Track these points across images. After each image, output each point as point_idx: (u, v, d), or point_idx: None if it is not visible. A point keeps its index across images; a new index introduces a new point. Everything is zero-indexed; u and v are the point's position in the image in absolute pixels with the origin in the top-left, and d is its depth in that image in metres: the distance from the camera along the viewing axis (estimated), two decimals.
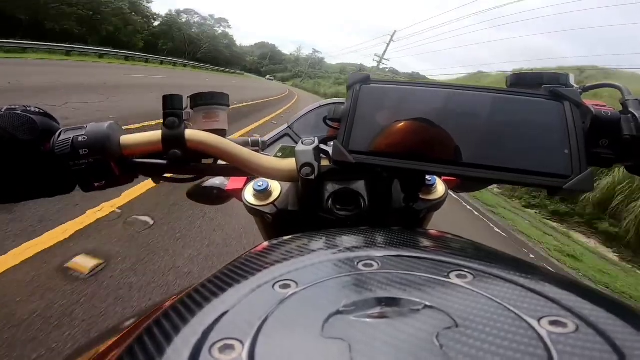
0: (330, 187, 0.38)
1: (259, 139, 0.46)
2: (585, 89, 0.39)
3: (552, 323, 0.14)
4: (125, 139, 0.34)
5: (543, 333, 0.14)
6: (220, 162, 0.37)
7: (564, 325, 0.14)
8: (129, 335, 0.16)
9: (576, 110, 0.30)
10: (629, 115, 0.33)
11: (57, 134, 0.32)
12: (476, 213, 4.92)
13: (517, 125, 0.30)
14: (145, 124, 4.08)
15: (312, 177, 0.32)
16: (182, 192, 0.52)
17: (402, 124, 0.32)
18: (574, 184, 0.27)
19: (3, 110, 0.31)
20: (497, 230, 4.35)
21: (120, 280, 1.50)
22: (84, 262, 1.56)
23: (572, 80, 0.36)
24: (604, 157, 0.33)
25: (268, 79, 68.44)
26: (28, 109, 0.33)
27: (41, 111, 0.33)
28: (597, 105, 0.34)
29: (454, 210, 4.56)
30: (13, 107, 0.32)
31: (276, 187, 0.41)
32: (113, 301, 1.38)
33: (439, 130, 0.31)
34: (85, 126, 0.33)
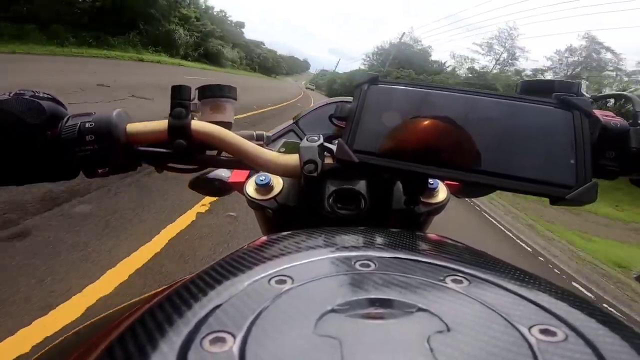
0: (332, 186, 0.38)
1: (264, 133, 0.46)
2: (597, 99, 0.38)
3: (542, 331, 0.14)
4: (132, 127, 0.34)
5: (532, 341, 0.14)
6: (224, 154, 0.37)
7: (553, 334, 0.14)
8: (121, 323, 0.16)
9: (585, 120, 0.30)
10: (639, 127, 0.33)
11: (65, 119, 0.33)
12: None
13: (524, 133, 0.30)
14: None
15: (315, 174, 0.32)
16: None
17: (407, 126, 0.32)
18: (577, 195, 0.27)
19: (11, 94, 0.32)
20: None
21: None
22: None
23: (583, 89, 0.35)
24: (609, 169, 0.32)
25: (309, 87, 54.43)
26: (36, 94, 0.33)
27: (49, 96, 0.34)
28: (606, 115, 0.34)
29: None
30: (22, 91, 0.32)
31: (278, 182, 0.41)
32: None
33: (444, 133, 0.31)
34: (93, 113, 0.33)
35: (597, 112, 0.33)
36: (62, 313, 1.27)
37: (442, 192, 0.42)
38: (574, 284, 3.27)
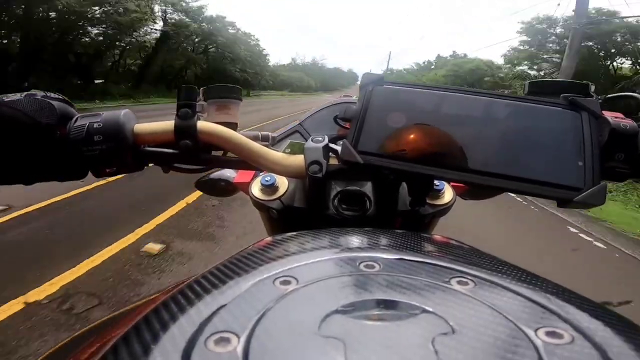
0: (337, 187, 0.38)
1: (269, 134, 0.46)
2: (606, 100, 0.38)
3: (549, 334, 0.14)
4: (139, 127, 0.35)
5: (538, 343, 0.14)
6: (229, 154, 0.37)
7: (560, 336, 0.14)
8: (126, 323, 0.17)
9: (594, 122, 0.30)
10: None
11: (74, 119, 0.33)
12: None
13: (532, 134, 0.30)
14: None
15: (320, 175, 0.32)
16: None
17: (413, 127, 0.31)
18: (585, 197, 0.27)
19: (23, 95, 0.32)
20: None
21: None
22: None
23: (592, 90, 0.35)
24: (618, 171, 0.32)
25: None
26: (47, 94, 0.34)
27: (60, 97, 0.34)
28: (616, 116, 0.33)
29: None
30: (33, 93, 0.33)
31: (283, 183, 0.41)
32: None
33: (451, 135, 0.31)
34: (101, 113, 0.34)
35: (607, 113, 0.33)
36: None
37: (448, 194, 0.42)
38: None
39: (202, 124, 0.35)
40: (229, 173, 0.52)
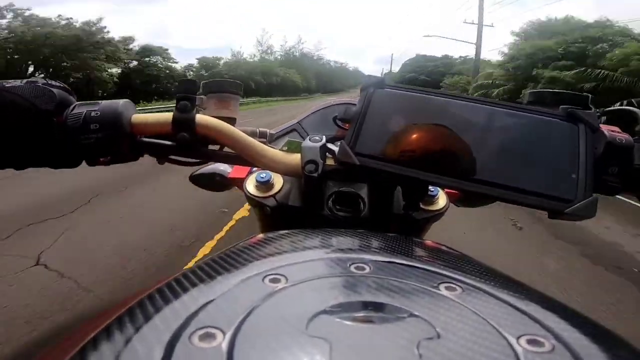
0: (332, 187, 0.38)
1: (267, 130, 0.46)
2: (604, 113, 0.38)
3: (530, 342, 0.14)
4: (137, 117, 0.35)
5: (519, 350, 0.14)
6: (226, 149, 0.37)
7: (541, 344, 0.14)
8: (110, 315, 0.16)
9: (591, 135, 0.30)
10: None
11: (72, 107, 0.33)
12: None
13: (528, 144, 0.30)
14: None
15: (316, 174, 0.32)
16: None
17: (411, 132, 0.31)
18: (576, 210, 0.27)
19: (24, 82, 0.32)
20: None
21: None
22: None
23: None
24: (610, 185, 0.32)
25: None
26: (49, 82, 0.34)
27: (60, 85, 0.34)
28: (612, 130, 0.34)
29: None
30: (34, 80, 0.33)
31: (278, 181, 0.41)
32: None
33: (448, 142, 0.31)
34: (100, 102, 0.33)
35: (604, 127, 0.33)
36: None
37: (441, 200, 0.42)
38: None
39: (201, 118, 0.35)
40: (223, 167, 0.52)
